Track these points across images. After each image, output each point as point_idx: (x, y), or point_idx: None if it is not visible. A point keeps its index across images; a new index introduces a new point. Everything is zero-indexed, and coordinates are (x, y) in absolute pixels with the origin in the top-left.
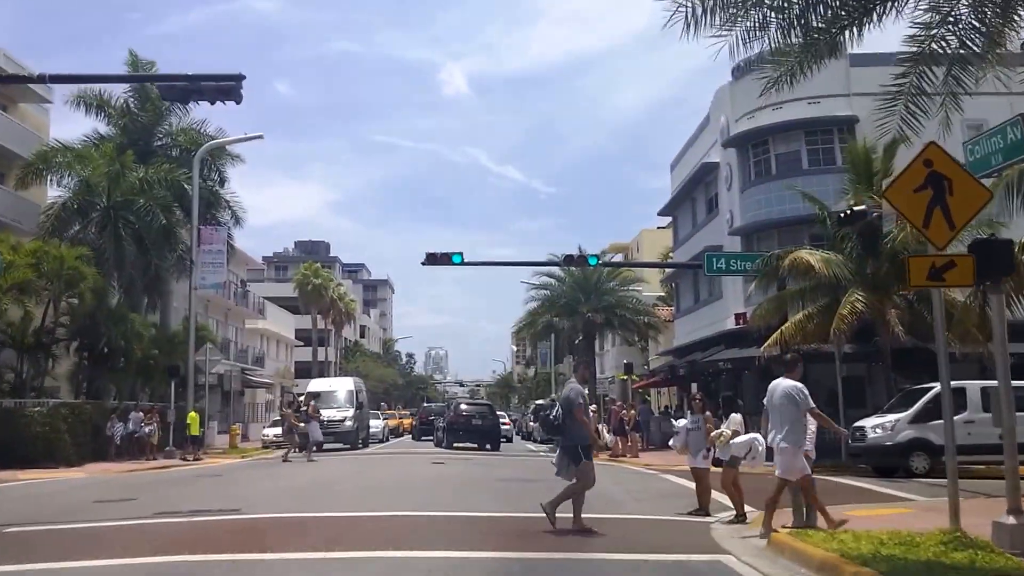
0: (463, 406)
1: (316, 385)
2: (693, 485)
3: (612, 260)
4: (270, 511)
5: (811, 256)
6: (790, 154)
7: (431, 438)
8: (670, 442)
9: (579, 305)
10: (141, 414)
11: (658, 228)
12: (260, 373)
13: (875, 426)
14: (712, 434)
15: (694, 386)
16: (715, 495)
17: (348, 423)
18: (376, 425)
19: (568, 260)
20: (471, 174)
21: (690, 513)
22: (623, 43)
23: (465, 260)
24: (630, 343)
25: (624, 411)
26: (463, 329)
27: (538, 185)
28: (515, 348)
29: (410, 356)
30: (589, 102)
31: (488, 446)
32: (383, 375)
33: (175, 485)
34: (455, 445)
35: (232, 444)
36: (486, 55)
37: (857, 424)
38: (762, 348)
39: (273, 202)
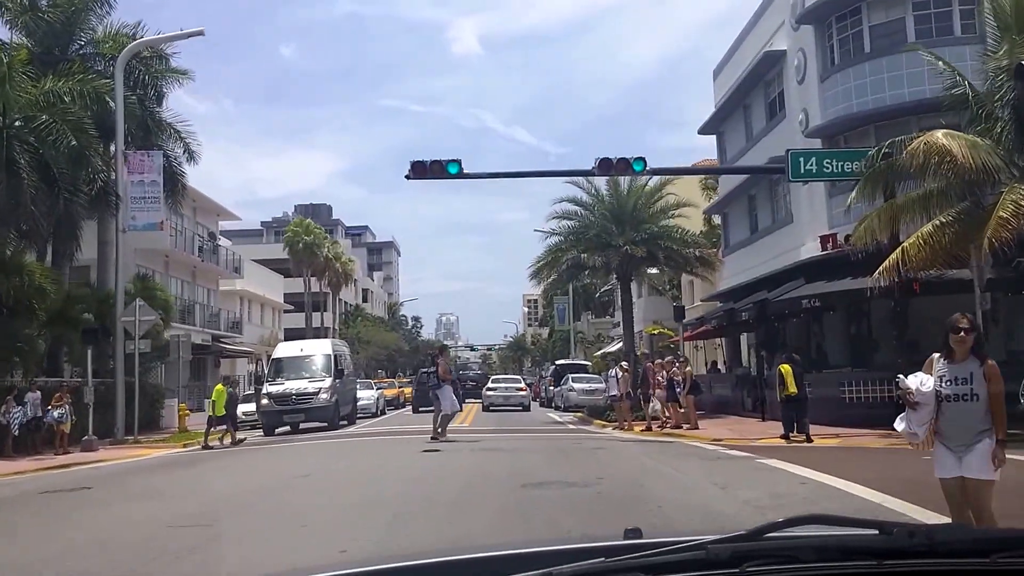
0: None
1: (283, 350)
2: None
3: (659, 172)
4: None
5: (951, 140)
6: (891, 24)
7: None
8: (896, 425)
9: (613, 237)
10: (39, 394)
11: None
12: (238, 340)
13: None
14: None
15: (745, 337)
16: None
17: (323, 396)
18: (368, 397)
19: (604, 165)
20: (480, 137)
21: None
22: None
23: (464, 171)
24: (661, 291)
25: (675, 368)
26: (474, 294)
27: (548, 147)
28: (526, 310)
29: (416, 320)
30: (599, 59)
31: None
32: (386, 340)
33: None
34: (421, 409)
35: (182, 426)
36: (495, 11)
37: None
38: (875, 274)
39: (280, 172)
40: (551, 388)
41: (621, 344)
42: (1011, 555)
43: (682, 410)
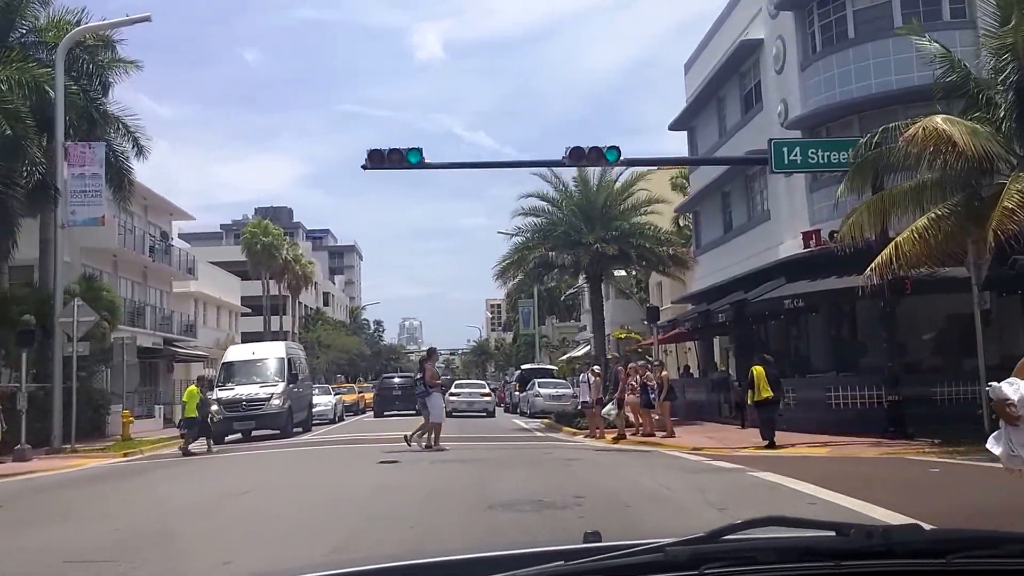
0: (392, 379)
1: (234, 353)
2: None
3: (633, 162)
4: None
5: (952, 126)
6: (876, 8)
7: (395, 412)
8: (991, 447)
9: (582, 235)
10: None
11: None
12: (192, 344)
13: None
14: None
15: (717, 340)
16: None
17: (275, 402)
18: (325, 402)
19: (575, 155)
20: (442, 142)
21: None
22: (597, 2)
23: (425, 160)
24: (628, 294)
25: (648, 372)
26: (437, 299)
27: (510, 152)
28: (490, 314)
29: (378, 324)
30: (563, 65)
31: (413, 411)
32: (347, 344)
33: None
34: (385, 413)
35: (125, 434)
36: (458, 18)
37: None
38: (867, 271)
39: (242, 177)
40: (516, 393)
41: (589, 348)
42: (966, 556)
43: (656, 417)
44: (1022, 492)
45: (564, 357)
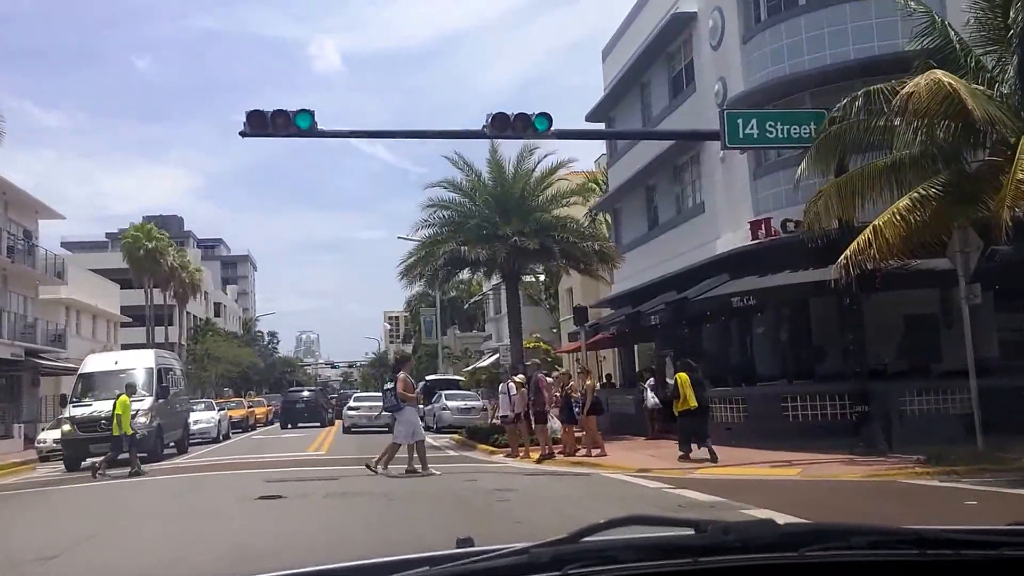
0: (296, 394)
1: (94, 363)
2: None
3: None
4: None
5: (955, 82)
6: None
7: (302, 424)
8: None
9: (498, 228)
10: None
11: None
12: (62, 356)
13: None
14: None
15: (636, 348)
16: None
17: (141, 420)
18: (207, 419)
19: (498, 123)
20: (341, 155)
21: None
22: (491, 19)
23: (318, 127)
24: (537, 301)
25: (572, 383)
26: (333, 312)
27: (408, 165)
28: (388, 326)
29: (273, 335)
30: (459, 81)
31: (318, 423)
32: (239, 356)
33: None
34: (297, 425)
35: None
36: (354, 33)
37: None
38: (840, 260)
39: (133, 188)
40: (421, 407)
41: (496, 357)
42: (817, 548)
43: (579, 433)
44: None
45: (468, 368)
